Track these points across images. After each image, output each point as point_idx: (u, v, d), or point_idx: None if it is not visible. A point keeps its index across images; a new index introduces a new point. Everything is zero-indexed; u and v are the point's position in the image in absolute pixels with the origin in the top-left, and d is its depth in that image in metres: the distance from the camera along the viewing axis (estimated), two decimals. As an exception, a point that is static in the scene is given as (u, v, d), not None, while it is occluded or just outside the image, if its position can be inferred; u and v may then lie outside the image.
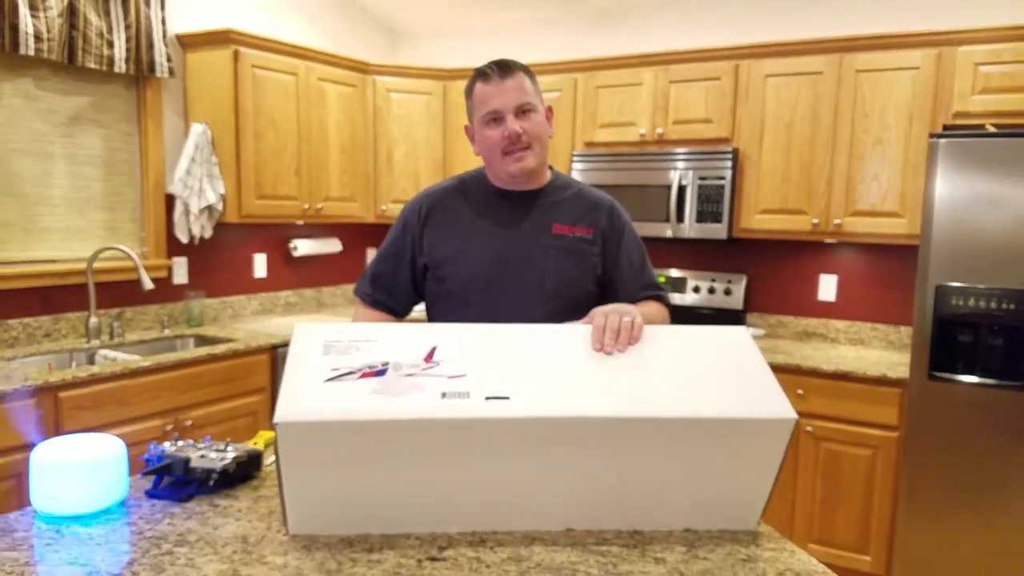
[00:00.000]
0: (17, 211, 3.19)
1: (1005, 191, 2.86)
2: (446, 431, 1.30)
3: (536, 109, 1.84)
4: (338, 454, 1.31)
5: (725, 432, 1.36)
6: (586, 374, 1.42)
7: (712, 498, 1.43)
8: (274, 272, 4.34)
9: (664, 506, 1.43)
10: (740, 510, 1.44)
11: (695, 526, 1.45)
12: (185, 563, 1.28)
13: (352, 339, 1.46)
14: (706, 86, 3.77)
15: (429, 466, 1.34)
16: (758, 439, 1.37)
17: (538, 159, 1.86)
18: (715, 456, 1.38)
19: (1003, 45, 3.17)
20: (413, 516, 1.39)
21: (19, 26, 2.96)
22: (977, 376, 2.95)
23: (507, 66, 1.83)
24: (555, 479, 1.37)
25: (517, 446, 1.33)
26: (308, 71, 3.94)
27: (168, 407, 3.01)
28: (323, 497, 1.36)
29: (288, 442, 1.28)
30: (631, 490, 1.41)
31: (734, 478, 1.41)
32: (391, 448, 1.32)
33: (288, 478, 1.33)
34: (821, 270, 3.95)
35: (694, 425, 1.34)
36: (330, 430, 1.28)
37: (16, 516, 1.46)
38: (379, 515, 1.38)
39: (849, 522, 3.30)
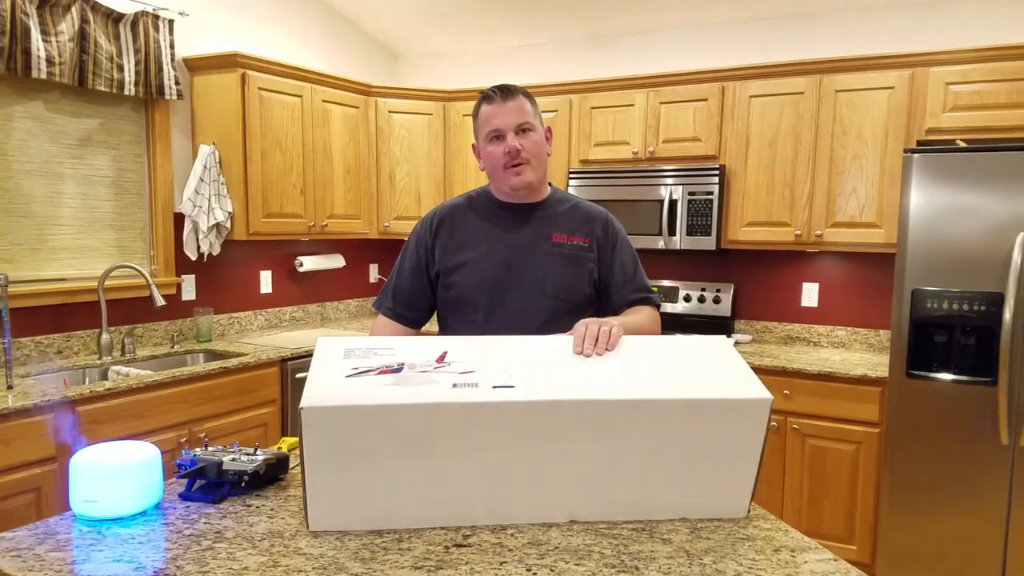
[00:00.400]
0: (29, 231, 3.29)
1: (975, 201, 3.01)
2: (457, 416, 1.44)
3: (535, 129, 1.99)
4: (358, 441, 1.43)
5: (708, 413, 1.49)
6: (582, 370, 1.57)
7: (703, 486, 1.54)
8: (279, 288, 4.45)
9: (659, 496, 1.54)
10: (730, 498, 1.56)
11: (690, 515, 1.56)
12: (226, 557, 1.39)
13: (370, 346, 1.62)
14: (694, 107, 3.93)
15: (442, 456, 1.46)
16: (739, 420, 1.50)
17: (536, 174, 2.01)
18: (701, 439, 1.51)
19: (972, 66, 3.34)
20: (426, 510, 1.50)
21: (31, 50, 3.07)
22: (951, 373, 3.10)
23: (509, 90, 1.98)
24: (558, 470, 1.50)
25: (522, 432, 1.46)
26: (313, 93, 4.07)
27: (182, 420, 3.11)
28: (343, 490, 1.47)
29: (312, 426, 1.42)
30: (628, 480, 1.52)
31: (721, 464, 1.53)
32: (407, 434, 1.44)
33: (310, 468, 1.45)
34: (804, 278, 4.10)
35: (680, 407, 1.48)
36: (351, 415, 1.42)
37: (56, 520, 1.55)
38: (394, 509, 1.49)
39: (835, 514, 3.44)
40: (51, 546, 1.43)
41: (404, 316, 2.13)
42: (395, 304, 2.13)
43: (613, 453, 1.50)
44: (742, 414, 1.50)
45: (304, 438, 1.44)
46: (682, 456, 1.52)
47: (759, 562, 1.38)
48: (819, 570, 1.35)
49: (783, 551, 1.43)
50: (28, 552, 1.40)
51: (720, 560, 1.39)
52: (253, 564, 1.36)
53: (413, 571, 1.33)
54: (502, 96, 1.97)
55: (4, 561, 1.36)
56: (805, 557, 1.40)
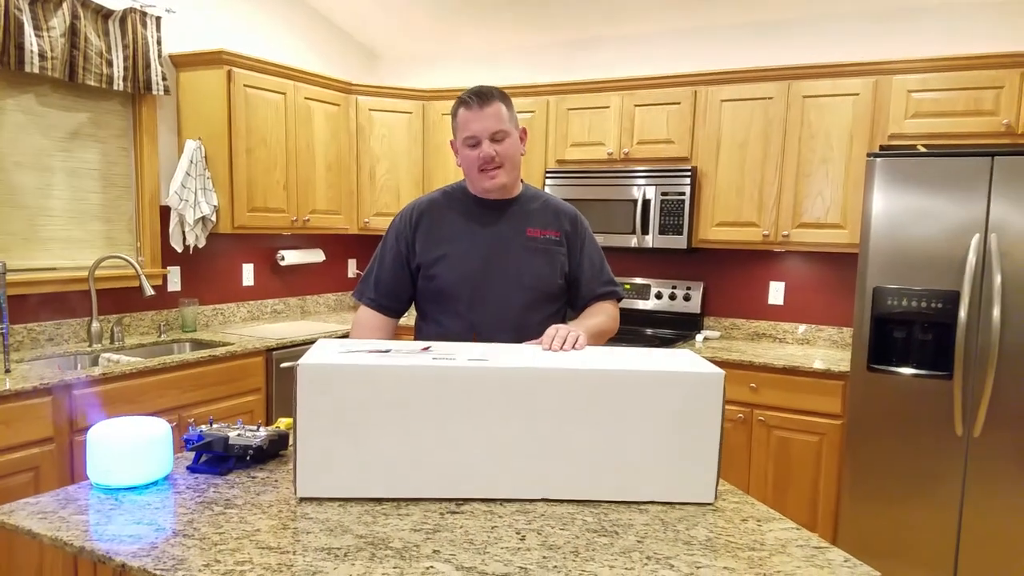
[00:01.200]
0: (20, 222, 3.35)
1: (934, 204, 3.17)
2: (435, 380, 1.59)
3: (509, 134, 2.10)
4: (346, 402, 1.57)
5: (666, 387, 1.61)
6: (549, 355, 1.75)
7: (669, 467, 1.63)
8: (261, 281, 4.53)
9: (627, 477, 1.63)
10: (697, 480, 1.64)
11: (658, 498, 1.64)
12: (239, 520, 1.49)
13: (362, 343, 1.82)
14: (668, 110, 4.07)
15: (422, 424, 1.59)
16: (695, 395, 1.62)
17: (509, 176, 2.13)
18: (662, 416, 1.61)
19: (932, 74, 3.49)
20: (408, 479, 1.61)
21: (24, 45, 3.13)
22: (910, 368, 3.25)
23: (485, 96, 2.07)
24: (530, 446, 1.61)
25: (493, 401, 1.59)
26: (296, 91, 4.16)
27: (172, 405, 3.19)
28: (331, 455, 1.59)
29: (306, 383, 1.56)
30: (596, 460, 1.62)
31: (684, 444, 1.62)
32: (390, 397, 1.58)
33: (301, 429, 1.57)
34: (771, 277, 4.26)
35: (638, 379, 1.62)
36: (340, 374, 1.57)
37: (74, 488, 1.66)
38: (378, 477, 1.60)
39: (799, 502, 3.58)
40: (74, 510, 1.53)
41: (386, 307, 2.23)
42: (377, 295, 2.22)
43: (580, 432, 1.61)
44: (697, 388, 1.62)
45: (297, 398, 1.57)
46: (646, 434, 1.62)
47: (728, 529, 1.51)
48: (783, 537, 1.48)
49: (750, 520, 1.56)
50: (53, 515, 1.50)
51: (692, 527, 1.52)
52: (264, 526, 1.46)
53: (412, 532, 1.45)
54: (479, 103, 2.05)
55: (32, 522, 1.46)
56: (770, 526, 1.53)
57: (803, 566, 1.35)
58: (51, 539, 1.41)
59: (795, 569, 1.34)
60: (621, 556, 1.37)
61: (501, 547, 1.40)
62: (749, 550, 1.41)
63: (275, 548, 1.37)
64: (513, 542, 1.42)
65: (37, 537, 1.43)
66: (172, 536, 1.41)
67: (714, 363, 3.61)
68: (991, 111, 3.40)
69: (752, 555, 1.39)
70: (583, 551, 1.39)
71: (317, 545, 1.38)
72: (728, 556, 1.38)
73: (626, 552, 1.39)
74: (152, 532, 1.43)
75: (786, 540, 1.46)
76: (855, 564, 1.36)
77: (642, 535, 1.47)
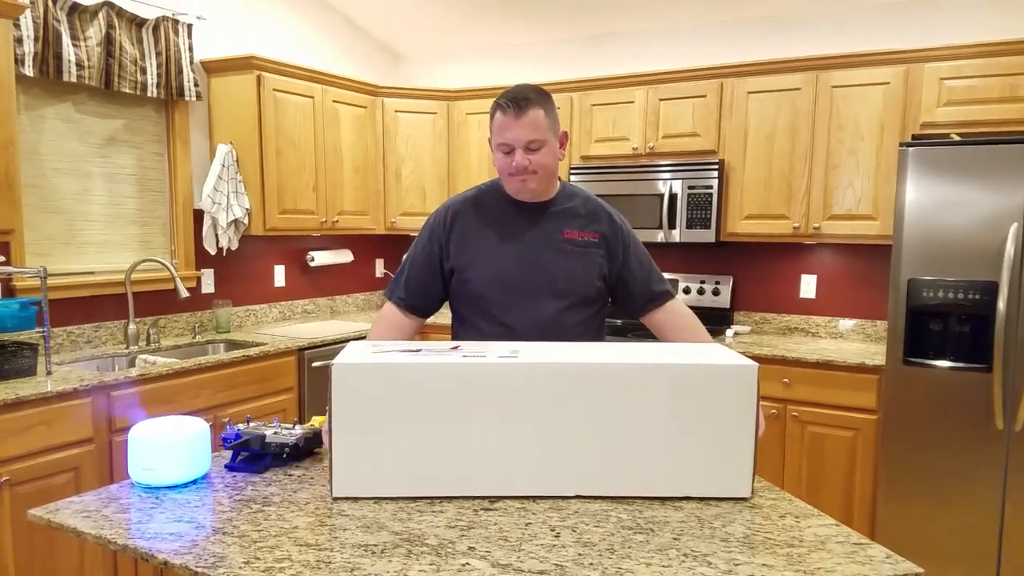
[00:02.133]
0: (60, 226, 3.42)
1: (968, 193, 3.12)
2: (466, 377, 1.59)
3: (546, 143, 2.03)
4: (379, 401, 1.58)
5: (699, 380, 1.60)
6: (581, 351, 1.73)
7: (703, 461, 1.62)
8: (292, 282, 4.58)
9: (661, 470, 1.62)
10: (731, 474, 1.62)
11: (692, 493, 1.62)
12: (276, 518, 1.51)
13: (392, 344, 1.83)
14: (693, 103, 4.05)
15: (453, 421, 1.59)
16: (728, 388, 1.60)
17: (541, 184, 2.08)
18: (695, 409, 1.60)
19: (965, 61, 3.44)
20: (441, 477, 1.62)
21: (62, 55, 3.20)
22: (947, 360, 3.20)
23: (524, 102, 1.99)
24: (561, 441, 1.61)
25: (525, 398, 1.59)
26: (324, 94, 4.20)
27: (207, 405, 3.24)
28: (365, 454, 1.60)
29: (340, 382, 1.58)
30: (630, 453, 1.61)
31: (718, 437, 1.61)
32: (422, 394, 1.58)
33: (336, 427, 1.59)
34: (802, 270, 4.22)
35: (671, 373, 1.60)
36: (373, 372, 1.58)
37: (116, 487, 1.69)
38: (411, 475, 1.61)
39: (833, 499, 3.55)
40: (116, 508, 1.56)
41: (413, 306, 2.20)
42: (407, 294, 2.20)
43: (613, 425, 1.60)
44: (730, 381, 1.60)
45: (332, 397, 1.59)
46: (680, 427, 1.61)
47: (765, 526, 1.50)
48: (822, 534, 1.46)
49: (788, 517, 1.54)
50: (96, 514, 1.53)
51: (729, 524, 1.50)
52: (302, 524, 1.48)
53: (448, 529, 1.46)
54: (515, 110, 1.98)
55: (77, 520, 1.49)
56: (809, 523, 1.51)
57: (843, 562, 1.34)
58: (95, 537, 1.44)
59: (835, 565, 1.33)
60: (657, 553, 1.37)
61: (536, 544, 1.40)
62: (788, 547, 1.40)
63: (313, 545, 1.39)
64: (548, 539, 1.42)
65: (82, 535, 1.46)
66: (212, 534, 1.44)
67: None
68: (1026, 98, 3.34)
69: (791, 552, 1.38)
70: (619, 548, 1.39)
71: (354, 542, 1.40)
72: (766, 553, 1.38)
73: (662, 549, 1.39)
74: (192, 530, 1.45)
75: (825, 536, 1.45)
76: (897, 560, 1.34)
77: (678, 532, 1.46)
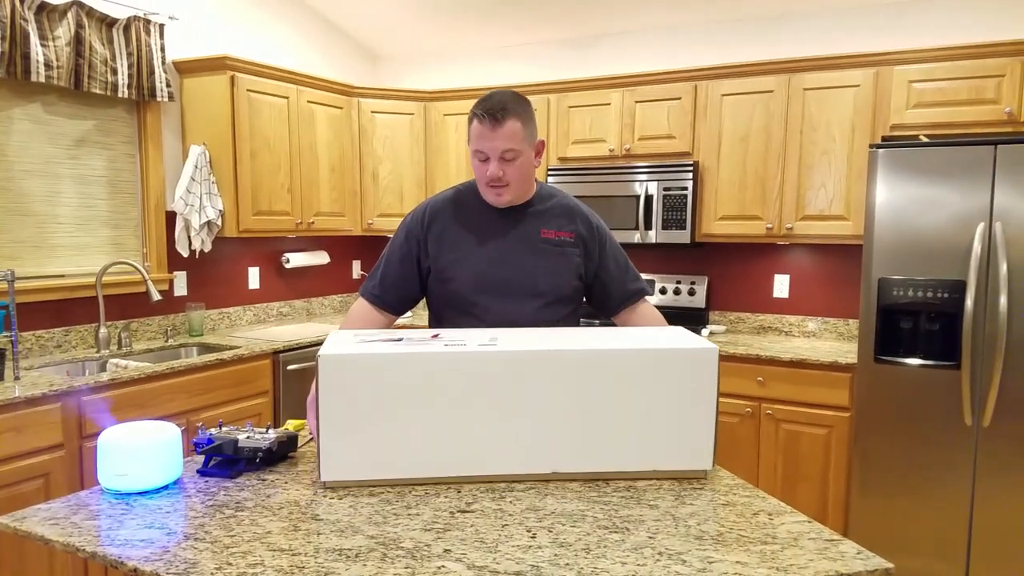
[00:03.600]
0: (29, 229, 3.37)
1: (936, 194, 3.16)
2: (448, 365, 1.66)
3: (520, 154, 2.05)
4: (365, 388, 1.64)
5: (664, 363, 1.70)
6: (556, 337, 1.82)
7: (669, 437, 1.72)
8: (267, 284, 4.55)
9: (631, 447, 1.72)
10: (695, 449, 1.73)
11: (660, 467, 1.73)
12: (249, 523, 1.50)
13: (373, 333, 1.88)
14: (668, 105, 4.07)
15: (436, 406, 1.66)
16: (691, 370, 1.71)
17: (515, 193, 2.11)
18: (662, 389, 1.70)
19: (934, 64, 3.49)
20: (424, 460, 1.68)
21: (31, 55, 3.15)
22: (917, 358, 3.24)
23: (500, 114, 2.00)
24: (538, 422, 1.69)
25: (504, 382, 1.67)
26: (299, 94, 4.18)
27: (181, 410, 3.21)
28: (352, 439, 1.65)
29: (327, 372, 1.63)
30: (602, 432, 1.71)
31: (682, 414, 1.71)
32: (405, 382, 1.65)
33: (324, 415, 1.63)
34: (775, 270, 4.26)
35: (639, 357, 1.70)
36: (359, 362, 1.64)
37: (85, 493, 1.66)
38: (396, 458, 1.67)
39: (809, 496, 3.59)
40: (85, 515, 1.54)
41: (388, 303, 2.22)
42: (382, 291, 2.21)
43: (587, 407, 1.70)
44: (693, 363, 1.71)
45: (320, 387, 1.63)
46: (648, 408, 1.71)
47: (739, 523, 1.51)
48: (795, 530, 1.47)
49: (761, 514, 1.56)
50: (65, 521, 1.50)
51: (704, 522, 1.51)
52: (275, 528, 1.47)
53: (423, 532, 1.45)
54: (491, 122, 2.00)
55: (44, 528, 1.47)
56: (782, 519, 1.53)
57: (816, 558, 1.35)
58: (63, 545, 1.42)
59: (808, 562, 1.34)
60: (633, 552, 1.37)
61: (512, 545, 1.40)
62: (761, 544, 1.41)
63: (287, 550, 1.38)
64: (524, 540, 1.42)
65: (49, 543, 1.44)
66: (183, 540, 1.42)
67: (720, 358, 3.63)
68: (993, 100, 3.39)
69: (764, 549, 1.39)
70: (594, 548, 1.39)
71: (328, 546, 1.39)
72: (740, 550, 1.38)
73: (638, 548, 1.39)
74: (163, 536, 1.43)
75: (798, 533, 1.46)
76: (868, 556, 1.36)
77: (653, 531, 1.47)
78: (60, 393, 2.77)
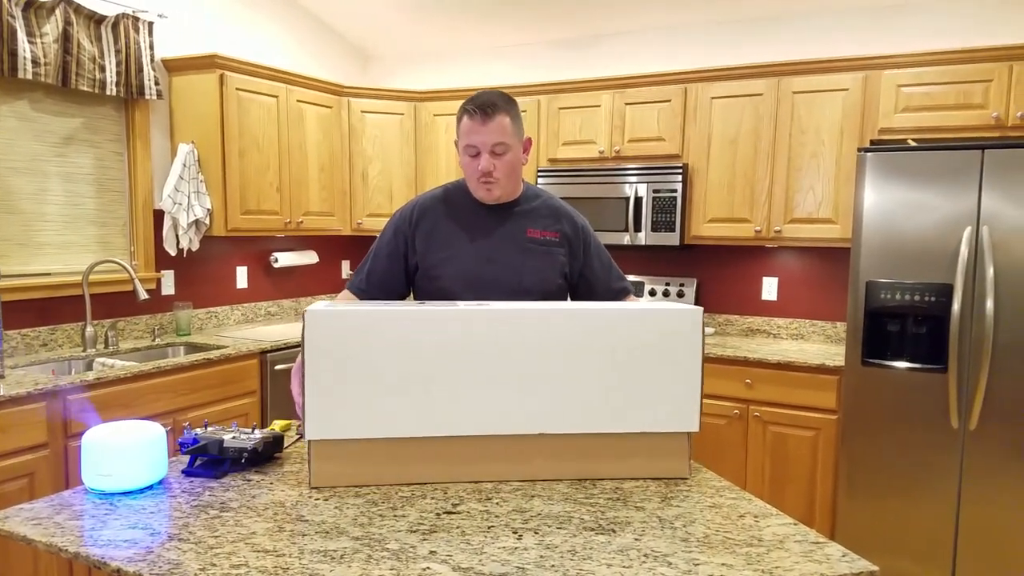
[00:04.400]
0: (15, 227, 3.35)
1: (925, 198, 3.18)
2: (435, 324, 1.67)
3: (510, 148, 2.09)
4: (350, 347, 1.64)
5: (649, 323, 1.73)
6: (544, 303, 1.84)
7: (655, 397, 1.74)
8: (255, 283, 4.53)
9: (617, 408, 1.73)
10: (681, 410, 1.75)
11: (647, 428, 1.74)
12: (234, 524, 1.49)
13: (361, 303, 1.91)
14: (658, 108, 4.08)
15: (424, 364, 1.67)
16: (676, 330, 1.73)
17: (505, 188, 2.14)
18: (653, 349, 1.72)
19: (922, 69, 3.51)
20: (412, 419, 1.68)
21: (17, 51, 3.13)
22: (904, 361, 3.26)
23: (490, 109, 2.05)
24: (526, 383, 1.70)
25: (491, 343, 1.68)
26: (288, 93, 4.16)
27: (167, 409, 3.19)
28: (338, 398, 1.65)
29: (313, 327, 1.64)
30: (588, 393, 1.72)
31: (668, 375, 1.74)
32: (393, 341, 1.65)
33: (310, 374, 1.63)
34: (764, 272, 4.27)
35: (624, 317, 1.72)
36: (344, 319, 1.65)
37: (69, 493, 1.65)
38: (383, 419, 1.67)
39: (796, 498, 3.60)
40: (68, 515, 1.53)
41: (373, 297, 2.23)
42: (368, 285, 2.23)
43: (573, 366, 1.71)
44: (679, 324, 1.74)
45: (305, 345, 1.63)
46: (633, 368, 1.73)
47: (725, 525, 1.51)
48: (781, 533, 1.48)
49: (747, 516, 1.56)
50: (48, 521, 1.49)
51: (690, 524, 1.52)
52: (260, 529, 1.46)
53: (409, 533, 1.45)
54: (482, 116, 2.04)
55: (27, 528, 1.46)
56: (768, 522, 1.53)
57: (801, 561, 1.35)
58: (46, 545, 1.41)
59: (793, 564, 1.34)
60: (619, 554, 1.37)
61: (498, 547, 1.40)
62: (747, 546, 1.41)
63: (271, 551, 1.37)
64: (510, 541, 1.42)
65: (32, 543, 1.43)
66: (167, 540, 1.41)
67: (708, 360, 3.65)
68: (980, 104, 3.41)
69: (750, 551, 1.39)
70: (580, 550, 1.39)
71: (313, 548, 1.38)
72: (726, 552, 1.39)
73: (623, 550, 1.39)
74: (147, 536, 1.42)
75: (784, 535, 1.46)
76: (853, 559, 1.36)
77: (639, 532, 1.47)
78: (45, 392, 2.75)
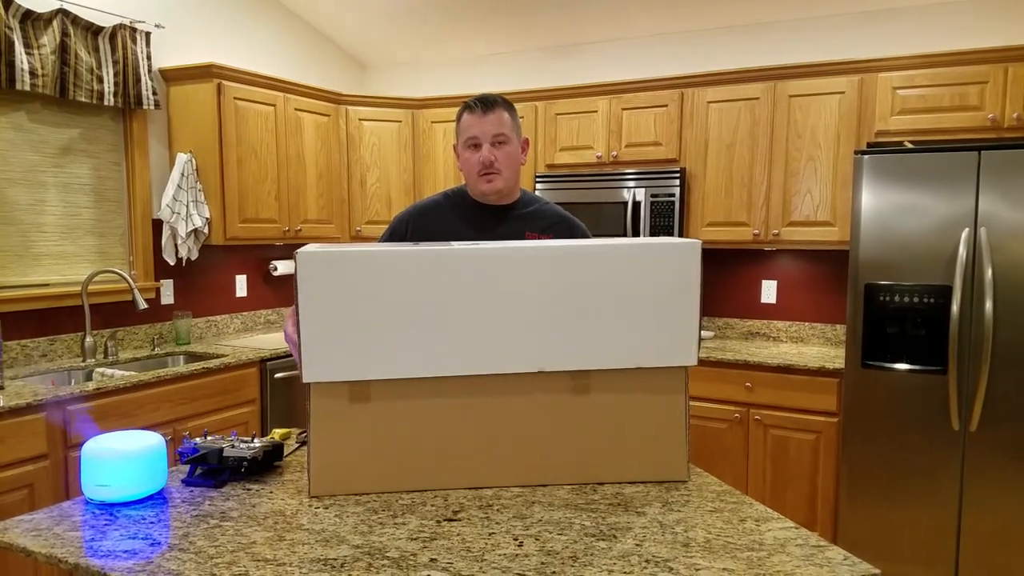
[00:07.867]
0: (13, 238, 3.35)
1: (923, 200, 3.18)
2: (430, 263, 1.64)
3: (510, 141, 2.14)
4: (345, 287, 1.61)
5: (646, 256, 1.70)
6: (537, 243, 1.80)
7: (652, 332, 1.72)
8: (254, 292, 4.53)
9: (615, 343, 1.71)
10: (678, 347, 1.73)
11: (644, 363, 1.72)
12: (234, 533, 1.49)
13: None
14: (655, 112, 4.09)
15: (421, 304, 1.64)
16: (674, 263, 1.70)
17: (507, 182, 2.16)
18: (644, 284, 1.70)
19: (917, 71, 3.52)
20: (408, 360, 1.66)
21: (15, 63, 3.14)
22: (904, 363, 3.26)
23: (489, 103, 2.13)
24: (523, 320, 1.68)
25: (488, 280, 1.66)
26: (286, 102, 4.17)
27: (167, 418, 3.19)
28: (331, 340, 1.63)
29: (306, 271, 1.61)
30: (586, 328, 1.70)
31: (665, 311, 1.71)
32: (387, 281, 1.62)
33: (304, 316, 1.61)
34: (763, 276, 4.27)
35: (622, 251, 1.70)
36: (337, 259, 1.62)
37: (69, 504, 1.65)
38: (378, 359, 1.65)
39: (798, 501, 3.59)
40: (68, 526, 1.52)
41: None
42: None
43: (570, 303, 1.69)
44: (675, 257, 1.71)
45: (298, 287, 1.60)
46: (631, 303, 1.70)
47: (726, 530, 1.51)
48: (782, 537, 1.47)
49: (748, 521, 1.56)
50: (48, 532, 1.49)
51: (691, 529, 1.51)
52: (260, 539, 1.46)
53: (409, 541, 1.45)
54: (482, 109, 2.11)
55: (26, 540, 1.45)
56: (769, 526, 1.53)
57: (803, 565, 1.35)
58: (46, 556, 1.40)
59: (795, 568, 1.34)
60: (620, 560, 1.37)
61: (499, 554, 1.40)
62: (748, 550, 1.41)
63: (271, 560, 1.37)
64: (511, 549, 1.42)
65: (32, 555, 1.42)
66: (168, 550, 1.41)
67: (708, 363, 3.65)
68: (976, 106, 3.42)
69: (751, 555, 1.39)
70: (581, 556, 1.39)
71: (313, 556, 1.38)
72: (727, 557, 1.38)
73: (625, 556, 1.39)
74: (147, 547, 1.42)
75: (785, 539, 1.46)
76: (855, 562, 1.36)
77: (640, 538, 1.46)
78: (45, 403, 2.75)
